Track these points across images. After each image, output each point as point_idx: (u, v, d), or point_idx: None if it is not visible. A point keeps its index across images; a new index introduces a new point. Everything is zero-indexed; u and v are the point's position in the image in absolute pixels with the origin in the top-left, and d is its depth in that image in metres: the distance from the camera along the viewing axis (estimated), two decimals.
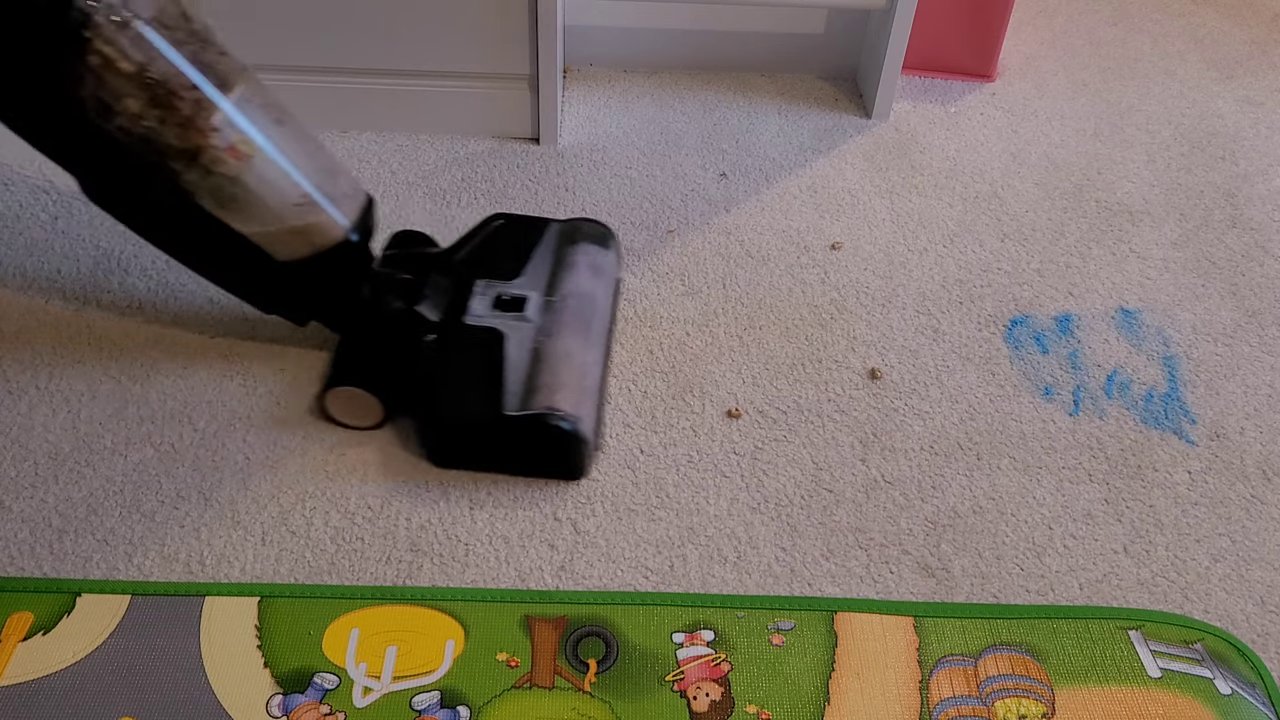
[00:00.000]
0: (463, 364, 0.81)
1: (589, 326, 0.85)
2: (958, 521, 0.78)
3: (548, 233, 0.93)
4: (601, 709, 0.64)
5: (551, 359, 0.81)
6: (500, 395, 0.78)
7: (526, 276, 0.88)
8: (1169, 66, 1.31)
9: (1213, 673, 0.67)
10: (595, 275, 0.90)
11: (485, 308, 0.85)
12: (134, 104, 0.72)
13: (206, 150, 0.74)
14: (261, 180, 0.76)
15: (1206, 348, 0.93)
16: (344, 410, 0.81)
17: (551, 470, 0.80)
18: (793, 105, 1.20)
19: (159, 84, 0.72)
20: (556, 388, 0.78)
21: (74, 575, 0.71)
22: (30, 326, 0.88)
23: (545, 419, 0.76)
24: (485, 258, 0.89)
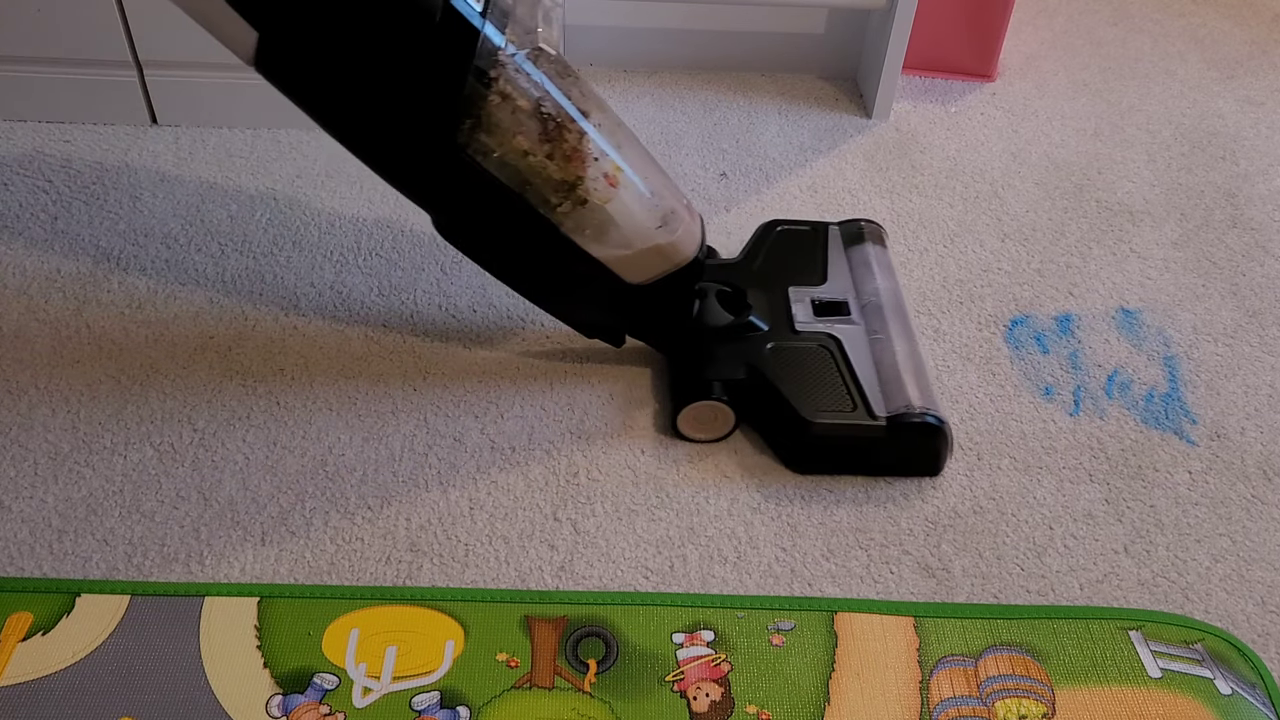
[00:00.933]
0: (813, 370, 0.82)
1: (905, 321, 0.87)
2: (958, 521, 0.78)
3: (831, 235, 0.95)
4: (601, 709, 0.64)
5: (890, 358, 0.83)
6: (866, 399, 0.79)
7: (832, 281, 0.90)
8: (1169, 66, 1.31)
9: (1213, 673, 0.67)
10: (886, 271, 0.92)
11: (808, 314, 0.86)
12: (524, 140, 0.72)
13: (584, 180, 0.74)
14: (629, 205, 0.76)
15: (1207, 348, 0.93)
16: (696, 425, 0.82)
17: (915, 468, 0.81)
18: (793, 105, 1.20)
19: (551, 118, 0.72)
20: (909, 386, 0.80)
21: (73, 575, 0.71)
22: (30, 326, 0.88)
23: (919, 419, 0.78)
24: (784, 265, 0.91)
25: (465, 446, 0.81)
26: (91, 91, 1.09)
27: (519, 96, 0.71)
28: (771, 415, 0.81)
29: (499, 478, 0.79)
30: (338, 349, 0.88)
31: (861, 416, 0.78)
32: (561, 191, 0.74)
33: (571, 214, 0.75)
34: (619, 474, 0.80)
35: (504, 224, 0.76)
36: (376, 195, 1.04)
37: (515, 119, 0.71)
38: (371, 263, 0.96)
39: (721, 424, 0.82)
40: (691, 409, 0.81)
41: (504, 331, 0.91)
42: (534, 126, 0.72)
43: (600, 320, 0.85)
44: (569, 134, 0.73)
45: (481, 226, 0.77)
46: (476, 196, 0.74)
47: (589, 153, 0.74)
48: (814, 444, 0.79)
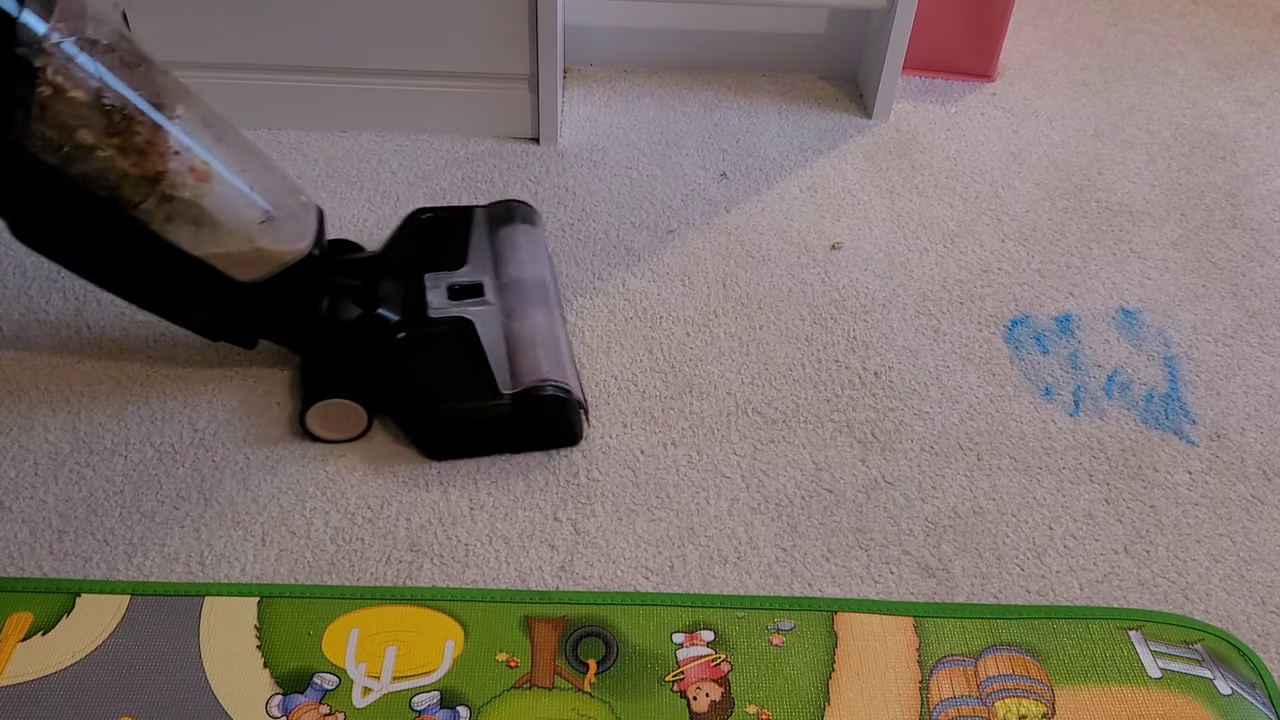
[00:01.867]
0: (442, 356, 0.81)
1: (546, 300, 0.87)
2: (958, 522, 0.78)
3: (476, 218, 0.93)
4: (601, 709, 0.64)
5: (523, 336, 0.82)
6: (492, 378, 0.79)
7: (472, 264, 0.89)
8: (1169, 67, 1.31)
9: (1213, 673, 0.67)
10: (535, 250, 0.91)
11: (442, 299, 0.85)
12: (88, 134, 0.68)
13: (166, 175, 0.71)
14: (223, 201, 0.74)
15: (1207, 348, 0.93)
16: (326, 425, 0.80)
17: (550, 441, 0.81)
18: (793, 105, 1.20)
19: (115, 110, 0.68)
20: (539, 361, 0.80)
21: (74, 575, 0.71)
22: (30, 326, 0.88)
23: (541, 392, 0.78)
24: (424, 252, 0.89)
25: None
26: None
27: (73, 88, 0.67)
28: (401, 405, 0.81)
29: (499, 478, 0.79)
30: None
31: (487, 396, 0.78)
32: (142, 187, 0.70)
33: (158, 210, 0.71)
34: (619, 474, 0.80)
35: (87, 224, 0.72)
36: (377, 195, 1.04)
37: (74, 111, 0.67)
38: None
39: (355, 422, 0.80)
40: (319, 407, 0.79)
41: None
42: (97, 119, 0.68)
43: (219, 321, 0.81)
44: (139, 126, 0.69)
45: (64, 228, 0.73)
46: (49, 195, 0.70)
47: (168, 147, 0.71)
48: (444, 429, 0.79)
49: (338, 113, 1.11)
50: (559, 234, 1.01)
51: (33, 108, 0.66)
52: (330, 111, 1.11)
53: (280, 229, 0.77)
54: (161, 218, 0.72)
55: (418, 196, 1.04)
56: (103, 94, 0.68)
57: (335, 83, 1.09)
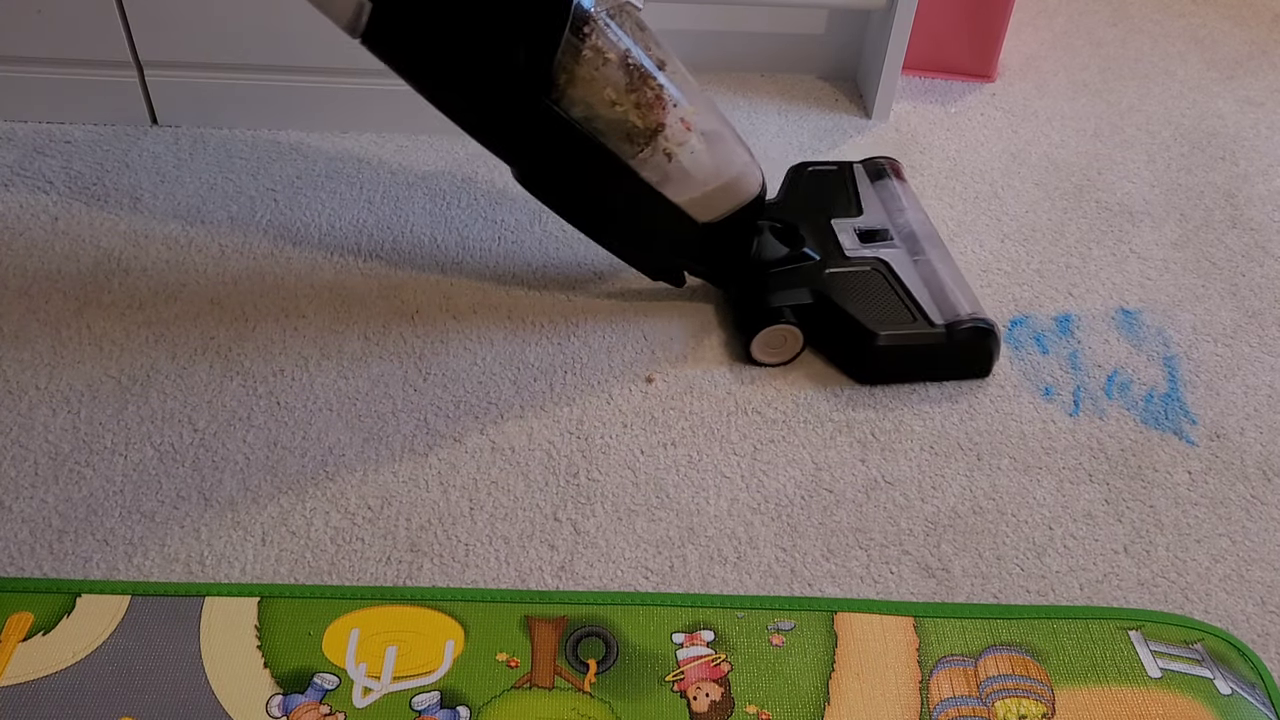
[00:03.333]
0: (869, 290, 0.89)
1: (939, 243, 0.95)
2: (958, 522, 0.78)
3: (858, 172, 1.02)
4: (601, 709, 0.64)
5: (934, 275, 0.90)
6: (924, 310, 0.87)
7: (868, 212, 0.97)
8: (1169, 67, 1.31)
9: (1213, 673, 0.67)
10: (913, 201, 1.00)
11: (854, 241, 0.93)
12: (612, 91, 0.77)
13: (665, 126, 0.80)
14: (701, 148, 0.82)
15: (1207, 348, 0.93)
16: (767, 350, 0.88)
17: (970, 370, 0.89)
18: (793, 105, 1.20)
19: (635, 69, 0.78)
20: (959, 298, 0.88)
21: (74, 575, 0.71)
22: (30, 326, 0.88)
23: (972, 323, 0.86)
24: (821, 201, 0.98)
25: (465, 447, 0.81)
26: (92, 92, 1.09)
27: (609, 49, 0.77)
28: (838, 334, 0.88)
29: (499, 478, 0.79)
30: (338, 349, 0.88)
31: (922, 326, 0.86)
32: (644, 138, 0.80)
33: (650, 160, 0.81)
34: (619, 474, 0.80)
35: (586, 172, 0.81)
36: (377, 196, 1.04)
37: (605, 72, 0.77)
38: (372, 264, 0.97)
39: (791, 346, 0.88)
40: (764, 334, 0.87)
41: (504, 333, 0.91)
42: (620, 77, 0.77)
43: (669, 261, 0.91)
44: (651, 83, 0.79)
45: (564, 175, 0.83)
46: (563, 146, 0.79)
47: (669, 100, 0.80)
48: (881, 355, 0.86)
49: (338, 113, 1.11)
50: (558, 234, 1.01)
51: (575, 70, 0.76)
52: (330, 112, 1.11)
53: (741, 171, 0.86)
54: (653, 164, 0.81)
55: (418, 197, 1.04)
56: (629, 55, 0.78)
57: (335, 83, 1.09)
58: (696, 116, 0.82)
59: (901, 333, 0.86)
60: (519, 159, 0.83)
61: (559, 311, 0.93)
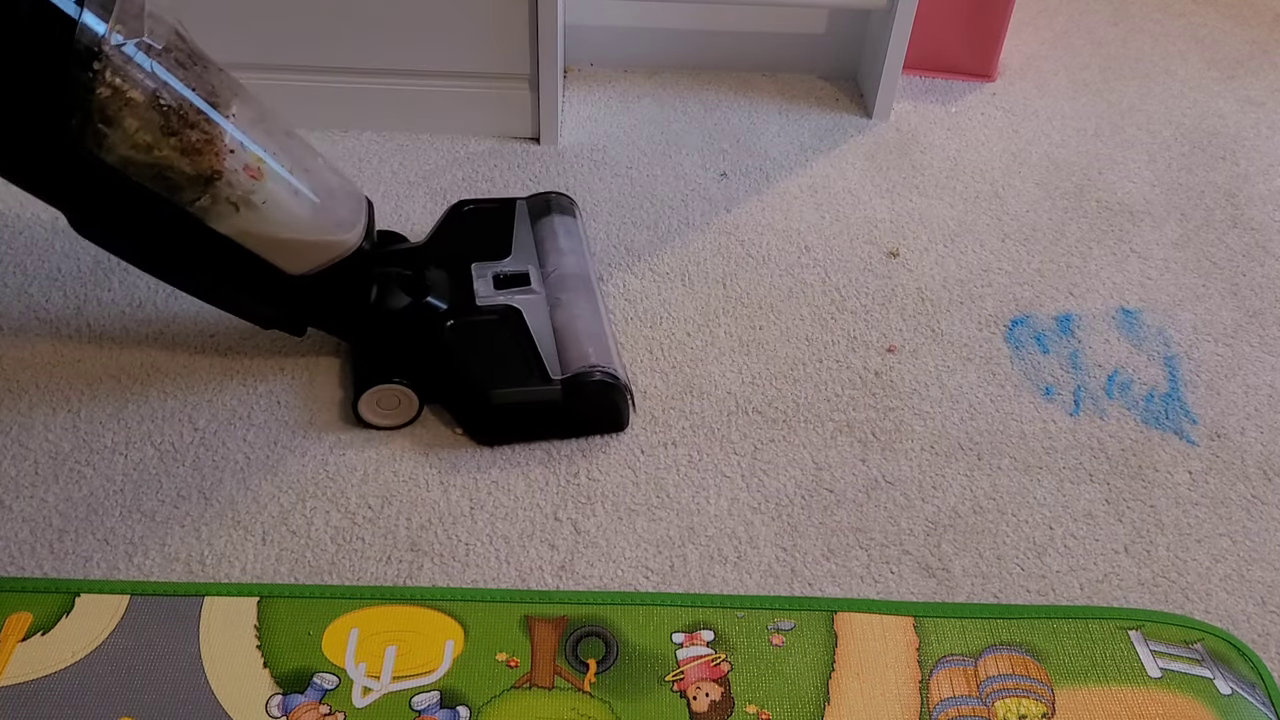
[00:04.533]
0: (492, 343, 0.83)
1: (590, 289, 0.89)
2: (958, 521, 0.78)
3: (518, 210, 0.96)
4: (601, 709, 0.64)
5: (570, 325, 0.84)
6: (543, 364, 0.81)
7: (516, 254, 0.91)
8: (1170, 66, 1.31)
9: (1213, 673, 0.67)
10: (575, 241, 0.94)
11: (489, 288, 0.87)
12: (146, 135, 0.69)
13: (222, 173, 0.72)
14: (275, 197, 0.75)
15: (1207, 348, 0.93)
16: (377, 411, 0.82)
17: (597, 426, 0.82)
18: (793, 105, 1.20)
19: (172, 111, 0.70)
20: (587, 348, 0.82)
21: (73, 575, 0.71)
22: (30, 325, 0.88)
23: (590, 378, 0.80)
24: (469, 243, 0.91)
25: (465, 446, 0.81)
26: None
27: (131, 89, 0.68)
28: (453, 392, 0.82)
29: (499, 477, 0.79)
30: (338, 348, 0.88)
31: (538, 382, 0.80)
32: (198, 185, 0.72)
33: (214, 206, 0.73)
34: (619, 474, 0.80)
35: (144, 219, 0.73)
36: (377, 195, 1.04)
37: (132, 111, 0.68)
38: None
39: (406, 408, 0.82)
40: (372, 393, 0.81)
41: None
42: (154, 119, 0.69)
43: (271, 311, 0.83)
44: (195, 126, 0.71)
45: (121, 222, 0.74)
46: (107, 192, 0.71)
47: (224, 145, 0.72)
48: (495, 414, 0.81)
49: (338, 112, 1.11)
50: None
51: (91, 109, 0.67)
52: (330, 111, 1.11)
53: (331, 223, 0.78)
54: (216, 213, 0.74)
55: (418, 196, 1.04)
56: (160, 95, 0.69)
57: (335, 82, 1.09)
58: (269, 163, 0.74)
59: (516, 388, 0.80)
60: (66, 205, 0.74)
61: None
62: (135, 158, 0.70)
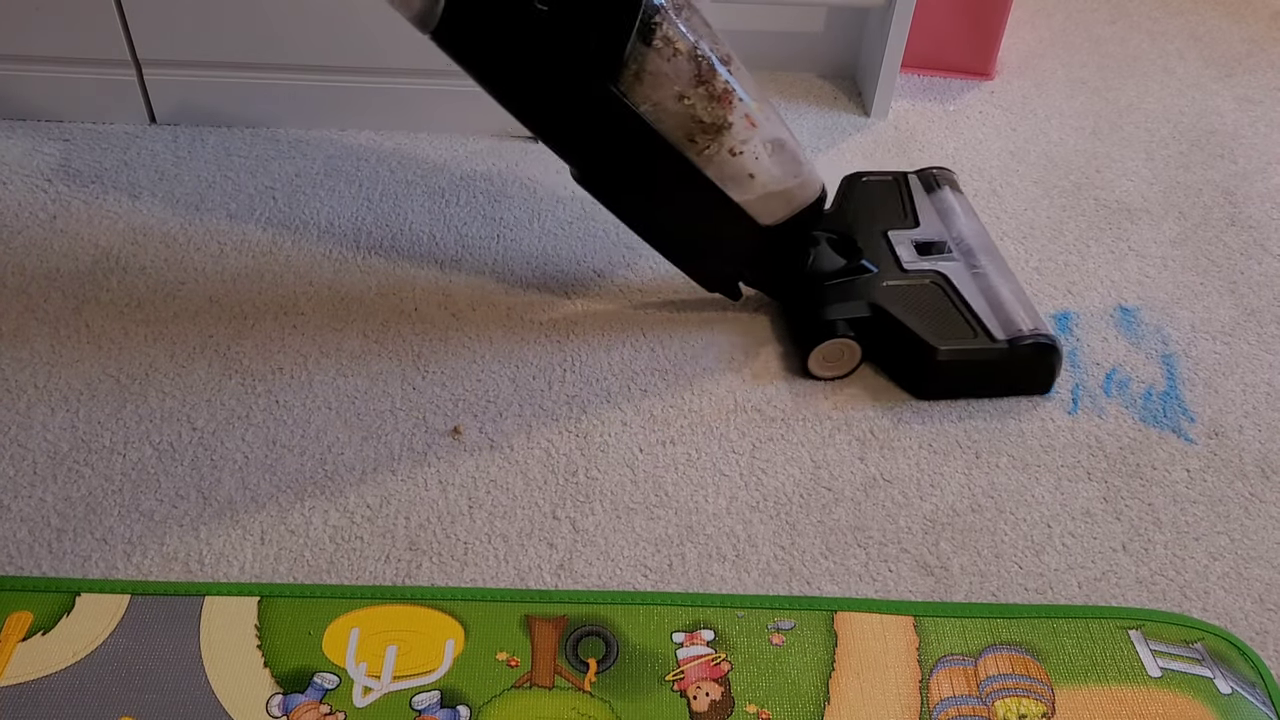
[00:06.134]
0: (928, 304, 0.87)
1: (998, 256, 0.93)
2: (956, 520, 0.78)
3: (913, 182, 1.01)
4: (601, 709, 0.64)
5: (993, 289, 0.89)
6: (985, 325, 0.86)
7: (925, 223, 0.96)
8: (1168, 64, 1.31)
9: (1213, 672, 0.67)
10: (969, 213, 0.98)
11: (912, 254, 0.92)
12: (680, 84, 0.76)
13: (731, 122, 0.78)
14: (763, 146, 0.81)
15: (1205, 346, 0.93)
16: (825, 363, 0.87)
17: (1028, 386, 0.87)
18: (791, 103, 1.20)
19: (704, 62, 0.77)
20: (1018, 310, 0.87)
21: (73, 575, 0.71)
22: (29, 325, 0.88)
23: (1035, 338, 0.85)
24: (876, 212, 0.97)
25: (464, 445, 0.81)
26: (90, 90, 1.09)
27: (679, 40, 0.75)
28: (897, 349, 0.87)
29: (498, 476, 0.79)
30: (336, 348, 0.88)
31: (983, 341, 0.85)
32: (709, 133, 0.78)
33: (715, 157, 0.79)
34: (618, 472, 0.80)
35: (649, 171, 0.80)
36: (376, 194, 1.04)
37: (674, 64, 0.76)
38: (370, 261, 0.96)
39: (849, 360, 0.87)
40: (822, 348, 0.86)
41: (503, 331, 0.91)
42: (689, 70, 0.76)
43: (726, 268, 0.90)
44: (718, 78, 0.77)
45: (625, 172, 0.82)
46: (628, 144, 0.78)
47: (736, 95, 0.78)
48: (942, 370, 0.85)
49: (338, 111, 1.11)
50: (557, 231, 1.01)
51: (645, 61, 0.75)
52: (329, 110, 1.11)
53: (798, 173, 0.84)
54: (717, 162, 0.80)
55: (417, 195, 1.04)
56: (697, 47, 0.77)
57: (334, 81, 1.09)
58: (760, 115, 0.80)
59: (963, 347, 0.84)
60: (581, 155, 0.82)
61: (558, 309, 0.93)
62: (666, 105, 0.77)
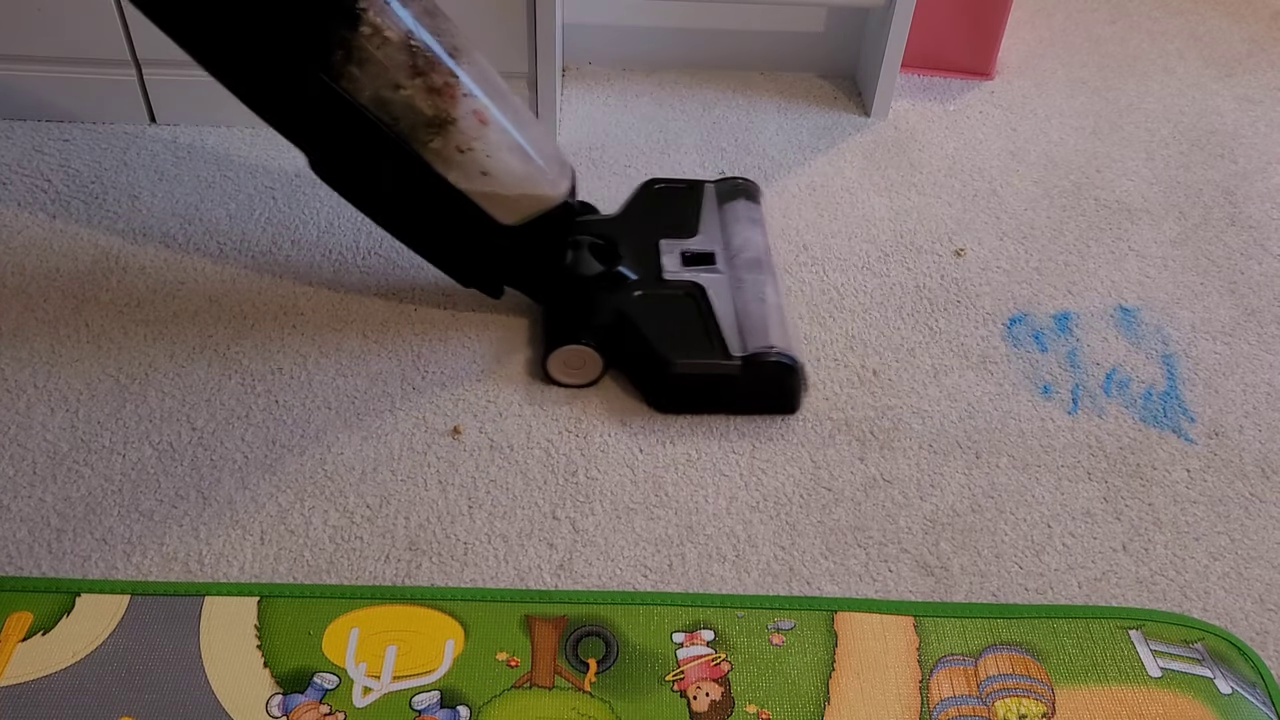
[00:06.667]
0: (676, 315, 0.86)
1: (770, 271, 0.91)
2: (956, 520, 0.78)
3: (705, 192, 0.99)
4: (601, 709, 0.64)
5: (750, 305, 0.87)
6: (724, 340, 0.84)
7: (703, 233, 0.94)
8: (1168, 64, 1.31)
9: (1213, 672, 0.67)
10: (756, 225, 0.96)
11: (676, 264, 0.90)
12: (395, 73, 0.75)
13: (456, 119, 0.77)
14: (498, 143, 0.80)
15: (1205, 346, 0.93)
16: (565, 370, 0.86)
17: (770, 405, 0.85)
18: (792, 104, 1.20)
19: (420, 52, 0.75)
20: (767, 329, 0.85)
21: (73, 575, 0.71)
22: (28, 325, 0.88)
23: (772, 358, 0.83)
24: (658, 219, 0.95)
25: (464, 445, 0.81)
26: (90, 90, 1.09)
27: (389, 28, 0.74)
28: (636, 358, 0.86)
29: (497, 476, 0.79)
30: (336, 348, 0.88)
31: (718, 356, 0.83)
32: (433, 127, 0.77)
33: (443, 151, 0.78)
34: (617, 472, 0.80)
35: (376, 161, 0.79)
36: None
37: (385, 52, 0.74)
38: (370, 261, 0.96)
39: (590, 368, 0.86)
40: (560, 353, 0.85)
41: (502, 330, 0.91)
42: (404, 59, 0.75)
43: (475, 266, 0.88)
44: (439, 69, 0.76)
45: (354, 164, 0.81)
46: (349, 131, 0.77)
47: (460, 90, 0.77)
48: (674, 383, 0.84)
49: None
50: None
51: (352, 48, 0.74)
52: None
53: (542, 176, 0.83)
54: (444, 157, 0.79)
55: None
56: (411, 37, 0.75)
57: None
58: (493, 111, 0.79)
59: (697, 361, 0.83)
60: (308, 144, 0.81)
61: None
62: (383, 94, 0.75)
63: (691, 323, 0.85)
